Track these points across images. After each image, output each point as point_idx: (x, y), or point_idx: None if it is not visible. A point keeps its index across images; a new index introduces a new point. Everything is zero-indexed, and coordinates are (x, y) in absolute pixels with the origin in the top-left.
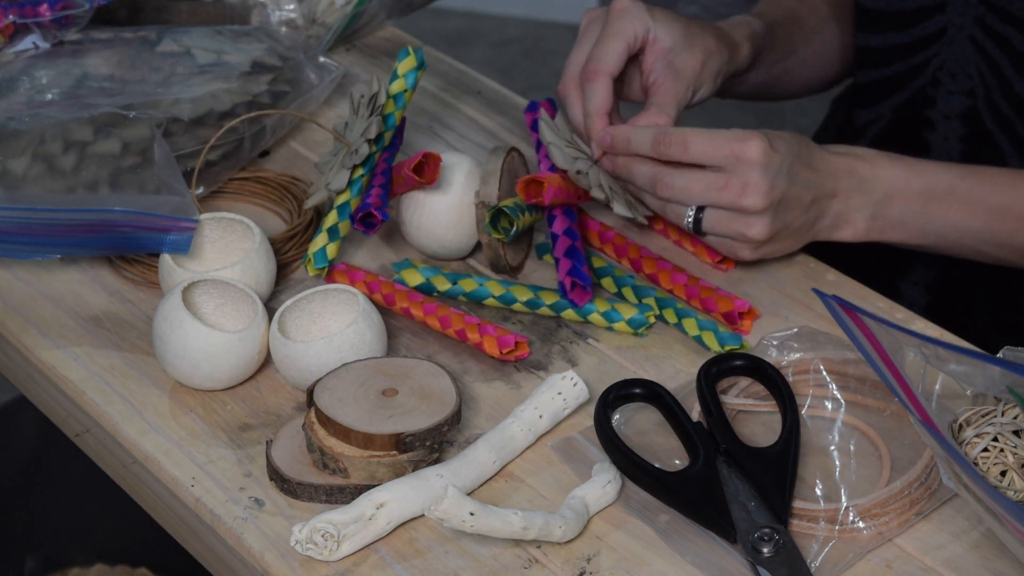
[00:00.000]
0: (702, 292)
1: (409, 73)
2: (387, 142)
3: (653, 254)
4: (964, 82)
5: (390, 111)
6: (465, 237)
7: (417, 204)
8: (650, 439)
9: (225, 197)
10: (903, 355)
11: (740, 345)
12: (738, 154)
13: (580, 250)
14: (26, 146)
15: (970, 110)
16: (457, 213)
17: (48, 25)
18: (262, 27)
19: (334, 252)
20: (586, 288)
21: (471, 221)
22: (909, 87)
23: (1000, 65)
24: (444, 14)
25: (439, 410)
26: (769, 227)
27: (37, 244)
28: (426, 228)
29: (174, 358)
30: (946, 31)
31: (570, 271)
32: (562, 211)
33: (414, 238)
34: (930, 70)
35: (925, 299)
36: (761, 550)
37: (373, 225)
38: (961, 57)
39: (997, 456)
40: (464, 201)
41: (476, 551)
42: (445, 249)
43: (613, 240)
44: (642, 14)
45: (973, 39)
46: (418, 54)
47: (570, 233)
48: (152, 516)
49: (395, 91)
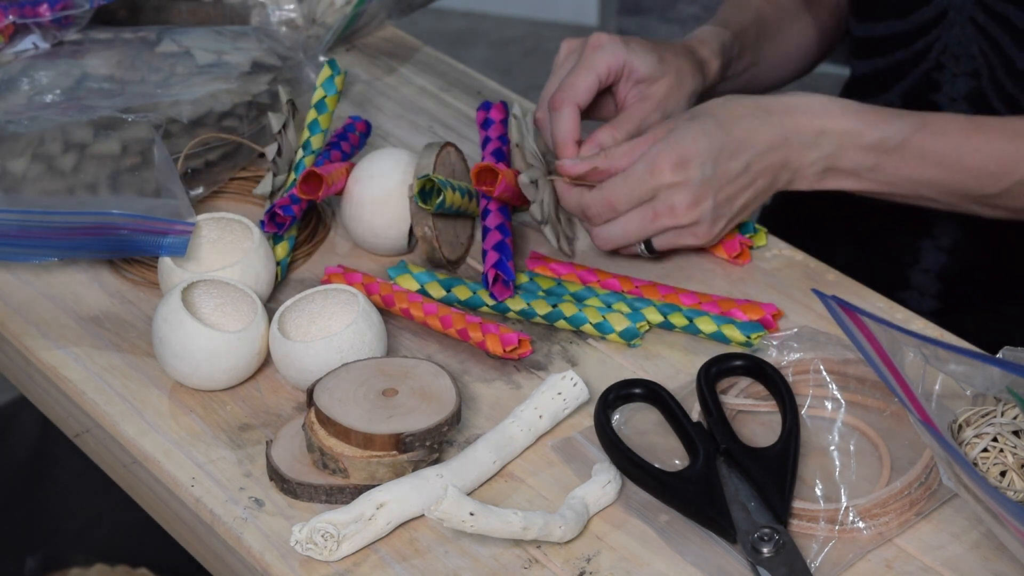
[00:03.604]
0: (721, 305)
1: (326, 82)
2: (317, 146)
3: (647, 281)
4: (967, 64)
5: (312, 118)
6: (399, 230)
7: (353, 198)
8: (650, 439)
9: (225, 197)
10: (903, 355)
11: (763, 332)
12: (653, 185)
13: (509, 246)
14: (25, 147)
15: (975, 91)
16: (392, 205)
17: (48, 25)
18: (262, 27)
19: (283, 253)
20: (508, 284)
21: (398, 214)
22: (912, 73)
23: (1002, 44)
24: (444, 14)
25: (439, 410)
26: (712, 226)
27: (35, 247)
28: (359, 219)
29: (174, 358)
30: (946, 14)
31: (496, 264)
32: (497, 207)
33: (350, 229)
34: (933, 55)
35: (936, 287)
36: (761, 550)
37: (282, 226)
38: (963, 39)
39: (997, 456)
40: (398, 193)
41: (476, 551)
42: (380, 240)
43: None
44: (617, 48)
45: (973, 20)
46: (331, 64)
47: (502, 229)
48: (152, 516)
49: (315, 100)
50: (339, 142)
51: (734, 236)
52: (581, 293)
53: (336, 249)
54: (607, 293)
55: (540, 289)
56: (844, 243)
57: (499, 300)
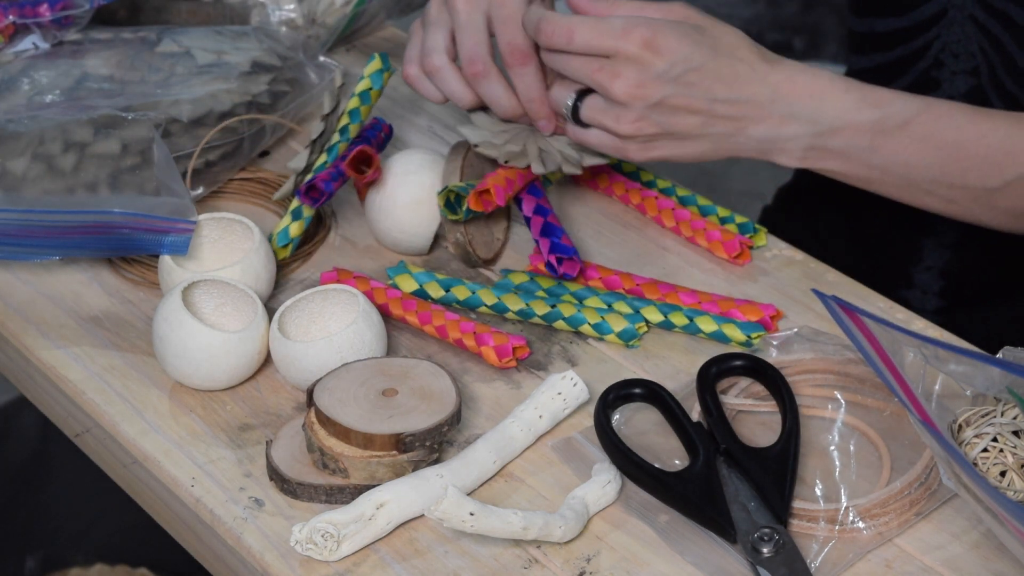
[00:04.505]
0: (721, 304)
1: (374, 74)
2: (352, 134)
3: (648, 279)
4: (967, 62)
5: (355, 106)
6: (428, 229)
7: (387, 191)
8: (650, 439)
9: (225, 197)
10: (903, 355)
11: (764, 332)
12: (617, 48)
13: (555, 223)
14: (26, 147)
15: (975, 89)
16: (425, 205)
17: (48, 25)
18: (262, 27)
19: (297, 231)
20: (573, 258)
21: (430, 216)
22: (912, 71)
23: (1002, 42)
24: None
25: (439, 410)
26: (638, 125)
27: (36, 246)
28: (389, 213)
29: (174, 358)
30: (946, 12)
31: (552, 249)
32: (526, 191)
33: (376, 222)
34: (932, 52)
35: (939, 284)
36: (761, 550)
37: (316, 200)
38: (963, 37)
39: (997, 456)
40: (423, 197)
41: (476, 551)
42: (406, 238)
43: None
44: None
45: (974, 18)
46: (383, 58)
47: (540, 211)
48: (152, 516)
49: (360, 89)
50: (369, 137)
51: (734, 236)
52: (581, 293)
53: (336, 249)
54: (607, 293)
55: (540, 289)
56: (845, 242)
57: (573, 277)
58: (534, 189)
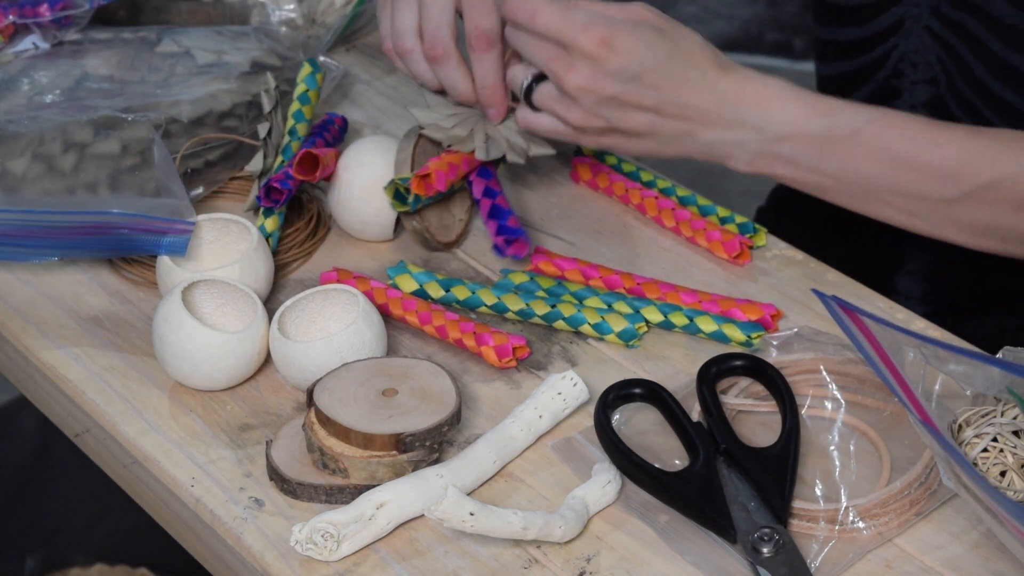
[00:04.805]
0: (721, 304)
1: (307, 78)
2: (302, 134)
3: (648, 279)
4: (926, 71)
5: (296, 108)
6: (387, 218)
7: (342, 185)
8: (650, 439)
9: (225, 197)
10: (903, 355)
11: (764, 332)
12: (575, 40)
13: (503, 205)
14: (26, 147)
15: (934, 98)
16: (380, 194)
17: (48, 25)
18: (262, 27)
19: (273, 226)
20: (519, 238)
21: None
22: (873, 80)
23: (959, 52)
24: None
25: (439, 410)
26: (587, 118)
27: (35, 246)
28: (346, 206)
29: (174, 358)
30: (903, 23)
31: (498, 231)
32: (476, 174)
33: (338, 216)
34: (891, 62)
35: (922, 288)
36: (761, 550)
37: (278, 200)
38: (920, 47)
39: (997, 456)
40: (377, 185)
41: (476, 551)
42: (368, 227)
43: (599, 275)
44: None
45: (929, 29)
46: (311, 62)
47: (489, 192)
48: (152, 516)
49: (298, 93)
50: (322, 132)
51: (734, 236)
52: (581, 293)
53: (336, 249)
54: (607, 292)
55: (540, 289)
56: (837, 245)
57: (520, 257)
58: (484, 171)
